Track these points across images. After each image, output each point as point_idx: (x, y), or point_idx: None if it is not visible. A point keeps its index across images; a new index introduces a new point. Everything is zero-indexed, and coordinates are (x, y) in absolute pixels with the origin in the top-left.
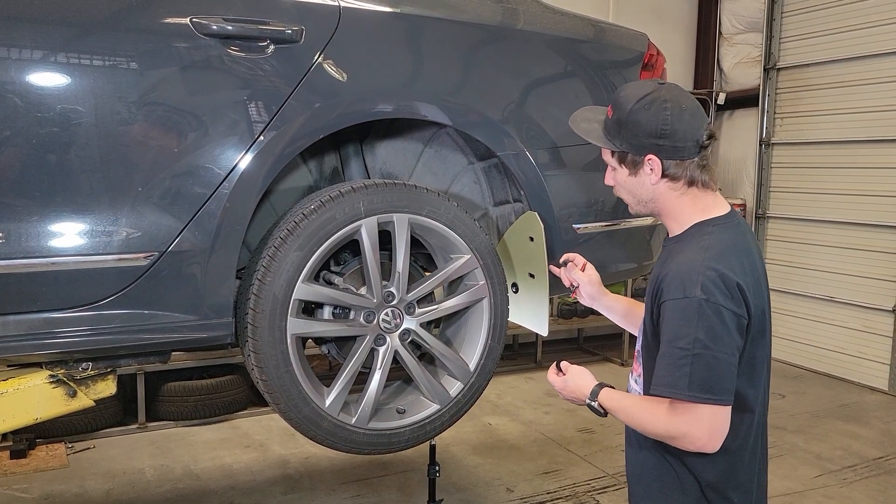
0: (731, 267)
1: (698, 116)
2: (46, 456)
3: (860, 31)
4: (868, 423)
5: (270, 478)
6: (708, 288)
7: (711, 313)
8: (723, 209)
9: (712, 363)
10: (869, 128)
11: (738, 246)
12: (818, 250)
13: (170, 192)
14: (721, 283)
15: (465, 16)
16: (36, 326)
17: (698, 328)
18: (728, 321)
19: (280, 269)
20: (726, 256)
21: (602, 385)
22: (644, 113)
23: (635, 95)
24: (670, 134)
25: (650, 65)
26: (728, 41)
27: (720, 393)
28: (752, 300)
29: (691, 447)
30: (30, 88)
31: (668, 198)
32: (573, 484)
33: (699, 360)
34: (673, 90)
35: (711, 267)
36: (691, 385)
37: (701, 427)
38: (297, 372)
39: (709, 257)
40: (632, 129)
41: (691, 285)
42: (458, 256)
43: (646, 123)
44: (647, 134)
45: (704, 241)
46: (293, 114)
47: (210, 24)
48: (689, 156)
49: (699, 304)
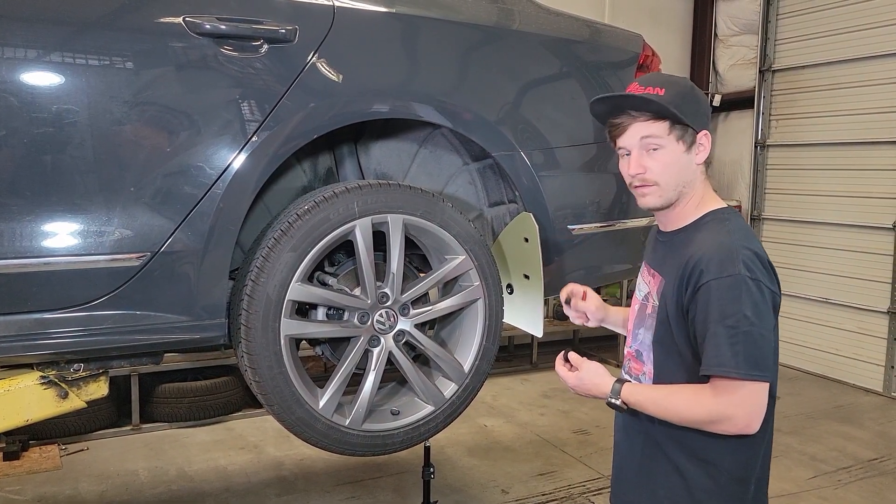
0: (760, 247)
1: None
2: (40, 457)
3: (855, 34)
4: (863, 424)
5: (265, 479)
6: (749, 265)
7: (756, 290)
8: (720, 200)
9: (759, 340)
10: (864, 130)
11: (752, 231)
12: (813, 252)
13: (162, 192)
14: (758, 261)
15: (460, 16)
16: (27, 327)
17: (745, 305)
18: (768, 298)
19: (274, 269)
20: (752, 238)
21: (620, 381)
22: (698, 91)
23: (677, 77)
24: (709, 115)
25: (645, 66)
26: (723, 43)
27: (766, 370)
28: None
29: (732, 429)
30: (22, 88)
31: (699, 180)
32: (568, 485)
33: (748, 337)
34: None
35: (746, 246)
36: (742, 363)
37: (744, 407)
38: (291, 373)
39: (739, 238)
40: (695, 104)
41: (731, 264)
42: (452, 257)
43: (703, 101)
44: (704, 112)
45: (727, 226)
46: (287, 114)
47: (203, 23)
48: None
49: (745, 281)
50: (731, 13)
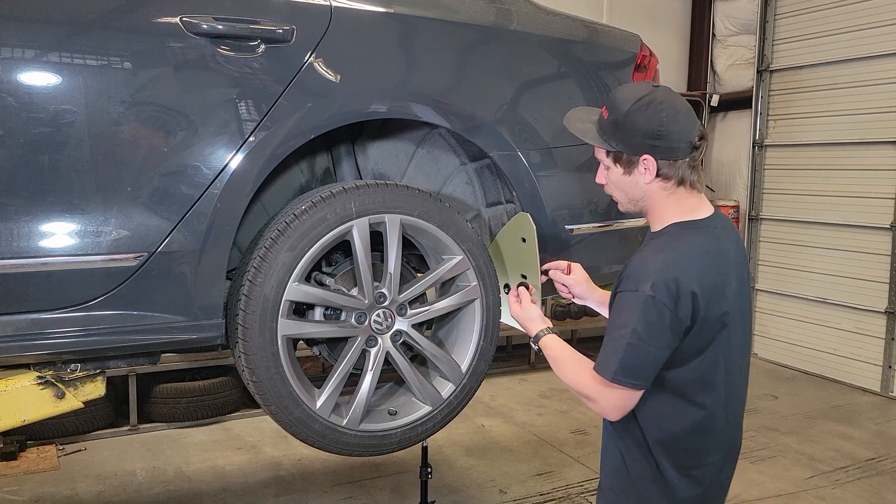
0: (689, 272)
1: (691, 118)
2: (37, 458)
3: (853, 34)
4: (860, 424)
5: (263, 479)
6: (658, 287)
7: (654, 310)
8: (705, 212)
9: (642, 353)
10: (861, 130)
11: (708, 251)
12: (811, 252)
13: (159, 192)
14: (673, 286)
15: (457, 16)
16: (24, 327)
17: (639, 320)
18: (667, 320)
19: (271, 269)
20: (689, 261)
21: (548, 330)
22: (641, 114)
23: (632, 97)
24: (666, 135)
25: (643, 66)
26: (721, 43)
27: (639, 379)
28: (707, 306)
29: (597, 411)
30: (19, 88)
31: (658, 197)
32: (566, 485)
33: (632, 348)
34: (668, 92)
35: (668, 268)
36: (618, 369)
37: (609, 402)
38: (288, 373)
39: (670, 259)
40: (629, 129)
41: (644, 281)
42: (450, 257)
43: (643, 124)
44: (643, 135)
45: (673, 243)
46: (284, 114)
47: (200, 23)
48: (682, 156)
49: (646, 300)
50: (728, 13)
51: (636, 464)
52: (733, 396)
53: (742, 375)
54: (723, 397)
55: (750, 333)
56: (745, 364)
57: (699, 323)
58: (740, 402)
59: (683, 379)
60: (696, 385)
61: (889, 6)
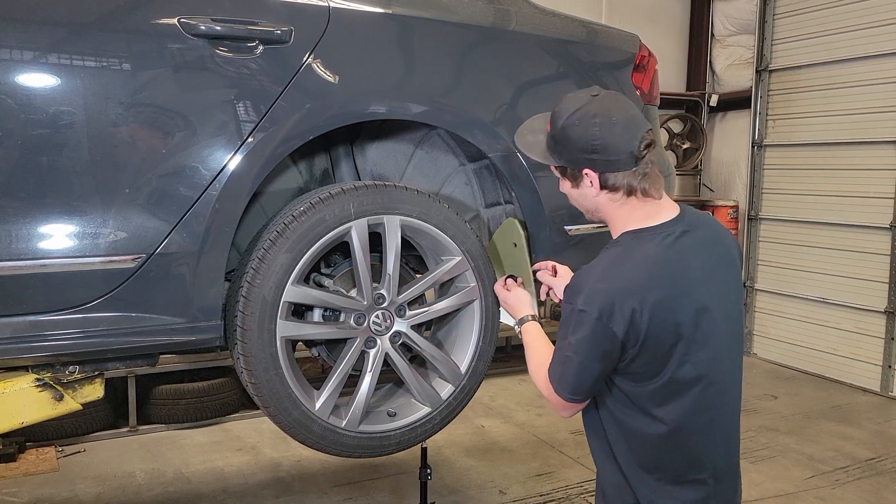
0: (630, 285)
1: (632, 128)
2: (36, 460)
3: (852, 33)
4: (860, 424)
5: (262, 481)
6: (590, 301)
7: (585, 325)
8: (664, 216)
9: (579, 369)
10: (861, 129)
11: (659, 260)
12: (810, 252)
13: (158, 194)
14: (608, 300)
15: (456, 17)
16: (22, 329)
17: (572, 334)
18: (599, 335)
19: (269, 271)
20: (630, 274)
21: (532, 318)
22: (575, 129)
23: (567, 110)
24: (602, 148)
25: (642, 66)
26: (720, 43)
27: (577, 393)
28: (652, 320)
29: (550, 407)
30: (17, 89)
31: (610, 208)
32: (565, 486)
33: (570, 363)
34: (605, 102)
35: (605, 280)
36: (554, 379)
37: (557, 404)
38: (287, 375)
39: (609, 272)
40: (565, 145)
41: (577, 295)
42: (448, 258)
43: (577, 139)
44: (579, 150)
45: (620, 255)
46: (283, 115)
47: (199, 24)
48: (625, 167)
49: (577, 314)
50: (727, 13)
51: (606, 475)
52: (709, 409)
53: (722, 387)
54: (690, 411)
55: (734, 337)
56: (725, 373)
57: (645, 338)
58: (726, 411)
59: (640, 392)
60: (656, 398)
61: (887, 6)
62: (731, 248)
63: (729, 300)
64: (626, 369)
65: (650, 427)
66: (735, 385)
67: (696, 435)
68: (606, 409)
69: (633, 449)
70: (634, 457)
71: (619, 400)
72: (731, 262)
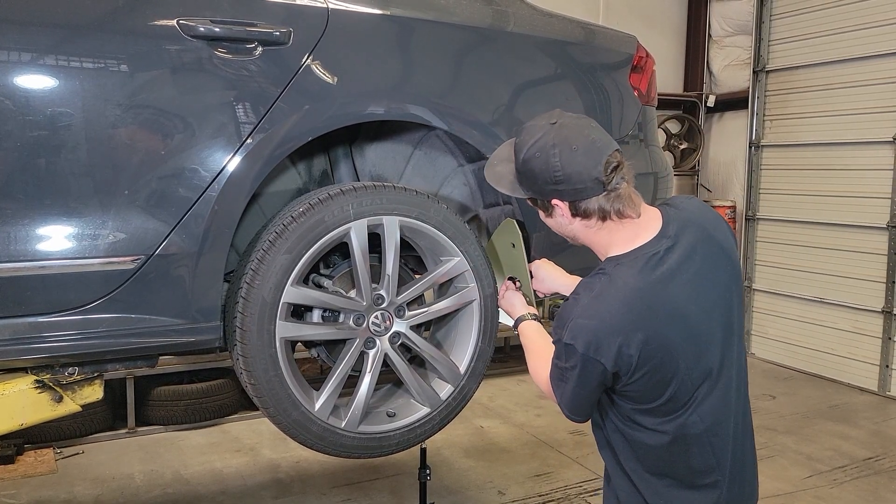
0: (613, 323)
1: (593, 153)
2: (35, 461)
3: (848, 34)
4: (858, 423)
5: (261, 482)
6: (575, 336)
7: (573, 356)
8: (646, 236)
9: (573, 394)
10: (857, 129)
11: (641, 291)
12: (808, 251)
13: (157, 195)
14: (593, 336)
15: (454, 18)
16: (21, 331)
17: (565, 362)
18: (588, 367)
19: (269, 272)
20: (615, 308)
21: (530, 316)
22: (536, 161)
23: (526, 143)
24: (565, 179)
25: (639, 67)
26: (717, 44)
27: (577, 414)
28: (644, 352)
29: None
30: (16, 91)
31: (587, 234)
32: (564, 486)
33: (566, 386)
34: (564, 129)
35: (588, 317)
36: (562, 404)
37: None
38: (287, 376)
39: (594, 306)
40: (530, 177)
41: (563, 326)
42: (447, 259)
43: (539, 172)
44: (543, 181)
45: (602, 285)
46: (282, 116)
47: (197, 25)
48: (593, 193)
49: (565, 347)
50: (724, 14)
51: (618, 480)
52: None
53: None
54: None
55: (735, 338)
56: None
57: (637, 367)
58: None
59: (641, 409)
60: (657, 414)
61: (884, 6)
62: (722, 238)
63: (724, 302)
64: (624, 391)
65: (653, 438)
66: (740, 384)
67: (701, 441)
68: (611, 421)
69: (640, 457)
70: (642, 464)
71: (620, 414)
72: (724, 255)
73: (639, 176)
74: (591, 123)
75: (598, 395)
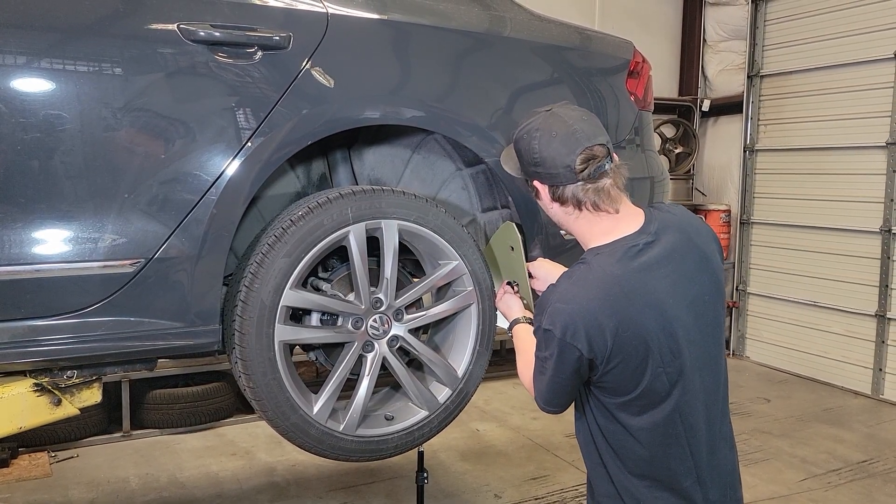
0: (588, 307)
1: (570, 142)
2: (29, 465)
3: (842, 40)
4: (852, 427)
5: (257, 486)
6: (553, 320)
7: (551, 342)
8: (624, 230)
9: (550, 383)
10: (851, 134)
11: (616, 278)
12: (801, 255)
13: (156, 199)
14: (569, 320)
15: (452, 23)
16: (20, 334)
17: (544, 349)
18: (564, 353)
19: (268, 275)
20: (591, 293)
21: (524, 319)
22: (521, 143)
23: (520, 125)
24: (541, 161)
25: (636, 72)
26: (712, 49)
27: (553, 405)
28: (617, 339)
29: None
30: (14, 94)
31: (567, 221)
32: (560, 489)
33: (543, 376)
34: (553, 117)
35: (565, 301)
36: (538, 395)
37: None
38: (285, 379)
39: (571, 291)
40: (517, 157)
41: (543, 312)
42: (446, 262)
43: (523, 153)
44: (525, 162)
45: (581, 272)
46: (281, 120)
47: (197, 30)
48: (566, 181)
49: (543, 333)
50: (719, 19)
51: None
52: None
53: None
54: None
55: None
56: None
57: (611, 355)
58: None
59: (617, 403)
60: (633, 409)
61: (877, 12)
62: (705, 246)
63: (703, 303)
64: (600, 382)
65: (631, 436)
66: (717, 389)
67: (678, 443)
68: (592, 418)
69: (621, 456)
70: (623, 464)
71: (600, 410)
72: (705, 261)
73: (635, 180)
74: (583, 117)
75: (575, 385)
